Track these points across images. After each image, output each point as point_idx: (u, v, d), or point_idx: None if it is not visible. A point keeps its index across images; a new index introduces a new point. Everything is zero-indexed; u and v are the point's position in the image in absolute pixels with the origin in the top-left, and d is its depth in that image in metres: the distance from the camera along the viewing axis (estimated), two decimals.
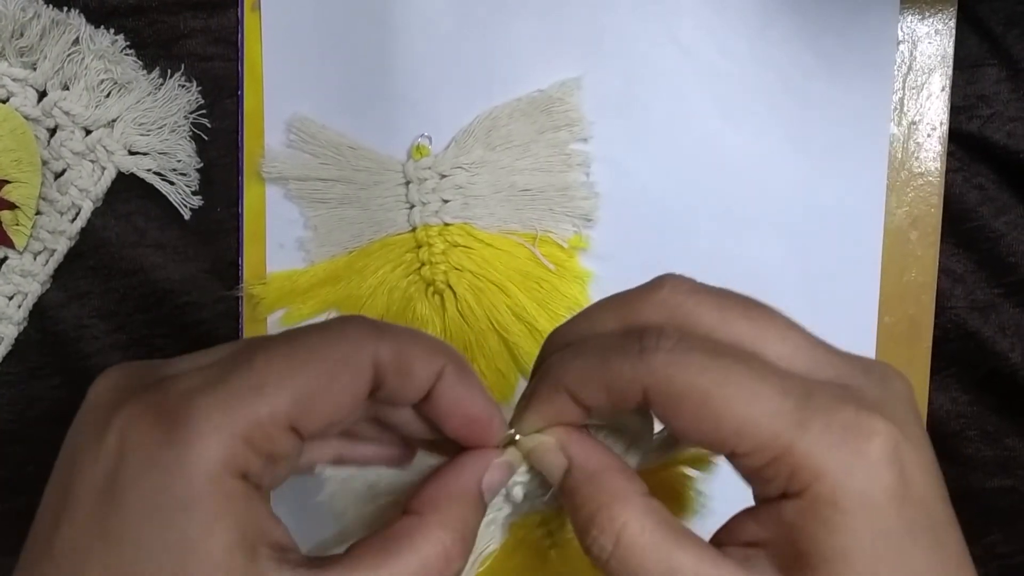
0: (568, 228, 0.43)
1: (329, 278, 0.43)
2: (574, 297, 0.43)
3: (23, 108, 0.42)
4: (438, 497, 0.25)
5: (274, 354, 0.22)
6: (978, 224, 0.44)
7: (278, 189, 0.43)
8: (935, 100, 0.43)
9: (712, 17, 0.42)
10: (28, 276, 0.43)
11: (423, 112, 0.43)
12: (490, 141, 0.42)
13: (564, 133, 0.43)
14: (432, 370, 0.24)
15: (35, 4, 0.42)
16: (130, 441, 0.22)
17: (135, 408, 0.22)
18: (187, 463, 0.21)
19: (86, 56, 0.42)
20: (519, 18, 0.43)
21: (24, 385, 0.45)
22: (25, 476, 0.45)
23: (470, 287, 0.42)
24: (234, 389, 0.22)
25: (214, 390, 0.22)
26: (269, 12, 0.43)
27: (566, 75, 0.43)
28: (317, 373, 0.22)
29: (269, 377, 0.22)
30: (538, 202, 0.43)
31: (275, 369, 0.22)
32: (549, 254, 0.43)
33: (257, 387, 0.22)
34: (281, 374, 0.22)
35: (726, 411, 0.23)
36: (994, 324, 0.44)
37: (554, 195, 0.43)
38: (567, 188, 0.43)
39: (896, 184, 0.43)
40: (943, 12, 0.42)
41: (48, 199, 0.43)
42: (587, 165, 0.43)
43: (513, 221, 0.43)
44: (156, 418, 0.22)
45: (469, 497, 0.25)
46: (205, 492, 0.21)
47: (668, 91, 0.43)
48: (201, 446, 0.21)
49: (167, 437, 0.21)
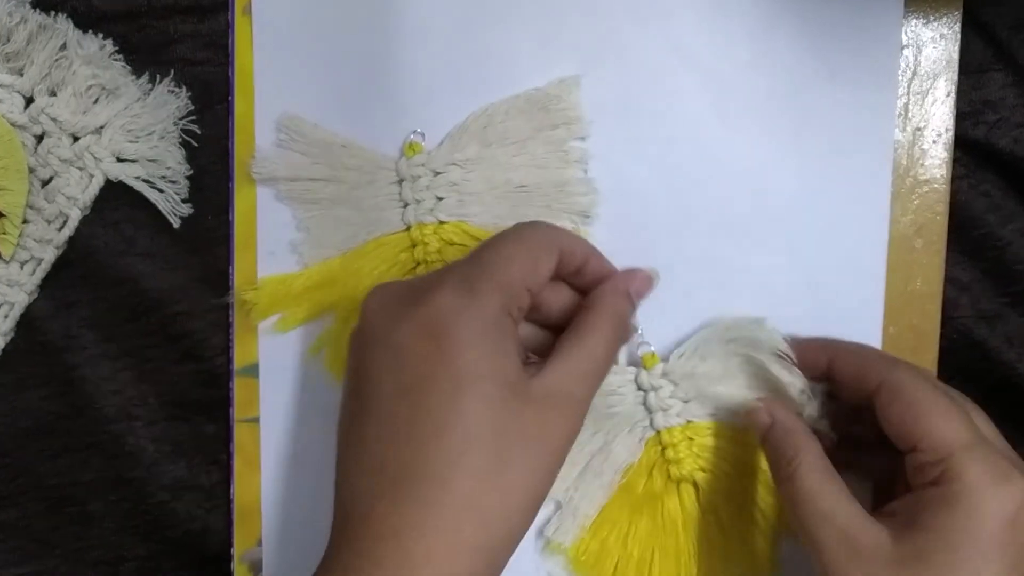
0: (566, 224, 0.42)
1: (323, 280, 0.43)
2: None
3: (9, 114, 0.42)
4: (603, 293, 0.37)
5: (503, 247, 0.35)
6: (985, 232, 0.43)
7: (269, 196, 0.43)
8: (940, 106, 0.42)
9: (713, 21, 0.42)
10: (15, 286, 0.43)
11: (417, 117, 0.42)
12: (485, 137, 0.42)
13: (562, 130, 0.42)
14: (585, 252, 0.37)
15: (22, 8, 0.41)
16: (411, 353, 0.32)
17: (410, 326, 0.33)
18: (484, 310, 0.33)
19: (74, 62, 0.41)
20: (514, 20, 0.42)
21: (13, 396, 0.44)
22: (15, 488, 0.45)
23: None
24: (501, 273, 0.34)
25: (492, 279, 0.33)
26: (260, 16, 0.42)
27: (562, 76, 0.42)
28: (540, 259, 0.35)
29: (518, 264, 0.34)
30: (535, 199, 0.42)
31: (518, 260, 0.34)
32: None
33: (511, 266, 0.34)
34: (523, 263, 0.34)
35: (926, 419, 0.34)
36: (1001, 333, 0.44)
37: (551, 191, 0.42)
38: (564, 184, 0.42)
39: (901, 191, 0.42)
40: (948, 16, 0.42)
41: (35, 207, 0.42)
42: (585, 162, 0.42)
43: (509, 218, 0.41)
44: (427, 334, 0.32)
45: (623, 293, 0.38)
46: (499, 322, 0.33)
47: (667, 97, 0.42)
48: (462, 359, 0.32)
49: (438, 348, 0.32)
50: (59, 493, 0.44)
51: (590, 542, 0.42)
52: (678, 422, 0.42)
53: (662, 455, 0.42)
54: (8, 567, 0.45)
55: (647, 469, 0.42)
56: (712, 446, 0.42)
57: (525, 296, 0.34)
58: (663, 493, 0.42)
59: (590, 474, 0.42)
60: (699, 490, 0.42)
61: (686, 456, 0.42)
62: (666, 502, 0.42)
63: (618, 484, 0.42)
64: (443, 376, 0.32)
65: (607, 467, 0.42)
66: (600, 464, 0.42)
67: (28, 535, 0.45)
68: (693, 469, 0.42)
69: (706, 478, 0.42)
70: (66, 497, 0.44)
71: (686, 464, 0.42)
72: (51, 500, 0.45)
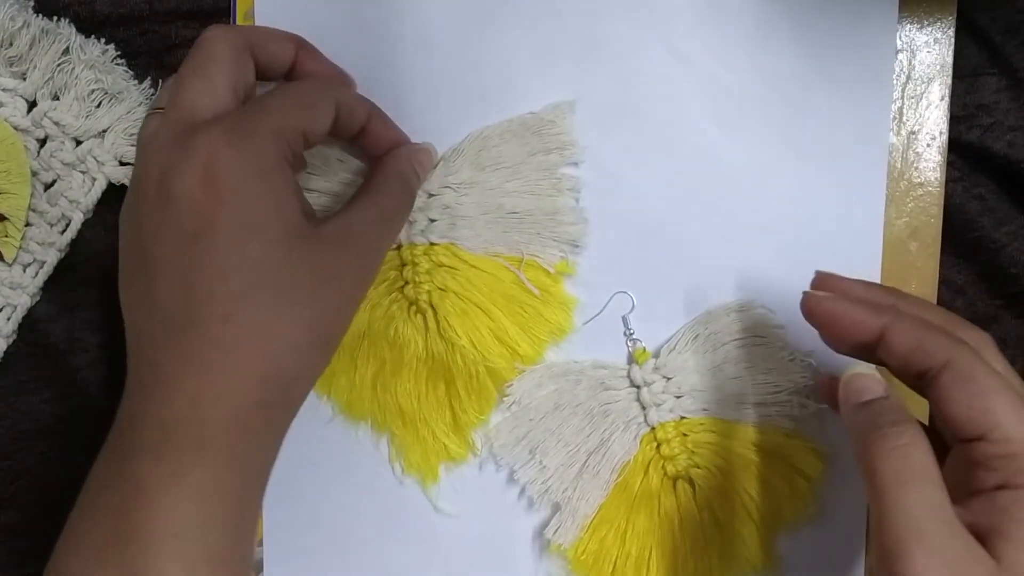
0: (555, 253, 0.42)
1: None
2: (557, 323, 0.42)
3: (12, 118, 0.42)
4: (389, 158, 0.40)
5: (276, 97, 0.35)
6: (979, 235, 0.43)
7: None
8: (934, 110, 0.42)
9: (709, 27, 0.42)
10: (17, 288, 0.43)
11: (417, 123, 0.42)
12: (479, 161, 0.42)
13: (555, 156, 0.42)
14: (366, 110, 0.39)
15: (25, 13, 0.41)
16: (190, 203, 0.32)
17: (186, 176, 0.32)
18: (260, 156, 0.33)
19: (76, 66, 0.42)
20: (513, 29, 0.42)
21: (14, 399, 0.44)
22: (16, 491, 0.45)
23: (453, 308, 0.42)
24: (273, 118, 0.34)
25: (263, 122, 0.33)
26: (262, 22, 0.42)
27: (560, 85, 0.42)
28: (315, 108, 0.36)
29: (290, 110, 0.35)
30: (526, 225, 0.42)
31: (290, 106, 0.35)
32: (534, 278, 0.42)
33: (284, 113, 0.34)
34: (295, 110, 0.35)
35: (996, 408, 0.30)
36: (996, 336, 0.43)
37: (542, 219, 0.42)
38: (556, 212, 0.42)
39: (895, 195, 0.42)
40: (942, 21, 0.42)
41: (38, 210, 0.42)
42: (577, 190, 0.42)
43: (499, 243, 0.42)
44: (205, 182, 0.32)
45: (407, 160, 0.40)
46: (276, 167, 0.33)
47: (664, 102, 0.42)
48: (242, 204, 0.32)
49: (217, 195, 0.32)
50: (60, 495, 0.45)
51: (588, 542, 0.42)
52: (671, 418, 0.42)
53: (657, 451, 0.42)
54: (9, 569, 0.45)
55: (643, 467, 0.42)
56: (706, 441, 0.42)
57: (300, 142, 0.35)
58: (660, 491, 0.42)
59: (588, 474, 0.42)
60: (695, 487, 0.42)
61: (680, 452, 0.42)
62: (663, 500, 0.42)
63: (615, 482, 0.42)
64: (224, 223, 0.32)
65: (604, 466, 0.42)
66: (597, 463, 0.42)
67: (29, 537, 0.45)
68: (688, 465, 0.42)
69: (701, 474, 0.42)
70: (67, 499, 0.45)
71: (681, 460, 0.42)
72: (52, 502, 0.45)
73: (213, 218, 0.32)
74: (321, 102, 0.36)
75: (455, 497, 0.44)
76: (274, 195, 0.33)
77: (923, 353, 0.33)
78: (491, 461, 0.43)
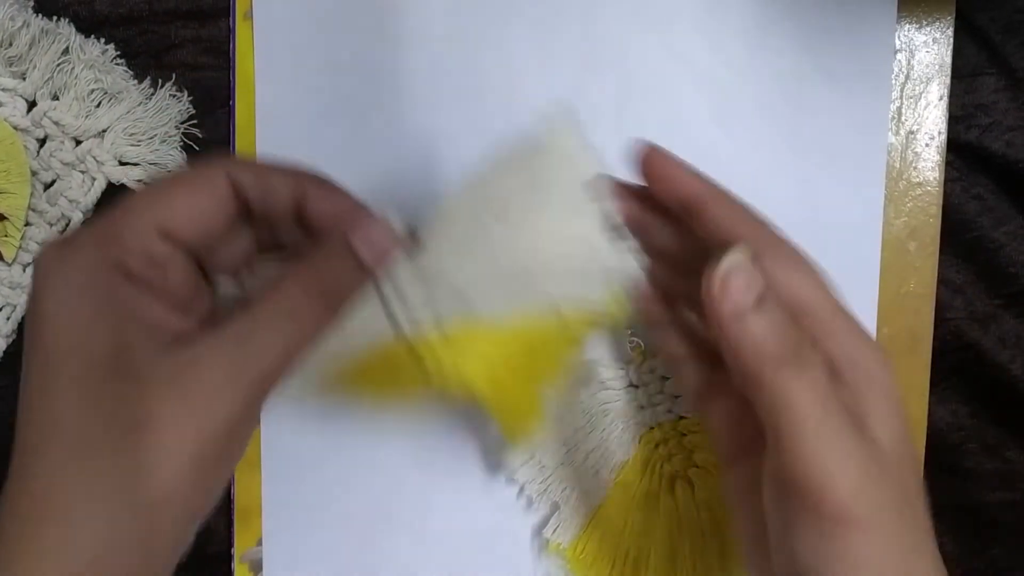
0: (599, 292, 0.33)
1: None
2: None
3: (12, 118, 0.42)
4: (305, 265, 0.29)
5: (140, 189, 0.29)
6: (977, 234, 0.43)
7: None
8: (933, 109, 0.42)
9: (708, 26, 0.42)
10: (17, 288, 0.43)
11: (416, 123, 0.42)
12: (477, 212, 0.32)
13: (570, 179, 0.33)
14: (291, 185, 0.30)
15: (24, 13, 0.41)
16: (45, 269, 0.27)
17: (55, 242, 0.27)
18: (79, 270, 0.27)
19: (76, 66, 0.42)
20: (513, 29, 0.42)
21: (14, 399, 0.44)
22: None
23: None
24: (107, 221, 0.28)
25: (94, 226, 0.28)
26: (261, 21, 0.42)
27: (560, 85, 0.42)
28: (176, 191, 0.28)
29: (134, 203, 0.28)
30: (556, 272, 0.33)
31: (138, 197, 0.28)
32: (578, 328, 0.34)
33: (125, 210, 0.28)
34: (143, 199, 0.28)
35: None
36: (994, 335, 0.44)
37: (575, 258, 0.33)
38: (591, 246, 0.33)
39: (894, 194, 0.42)
40: (941, 21, 0.42)
41: (37, 210, 0.42)
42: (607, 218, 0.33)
43: (524, 299, 0.33)
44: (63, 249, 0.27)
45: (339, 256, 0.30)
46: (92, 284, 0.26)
47: (663, 101, 0.42)
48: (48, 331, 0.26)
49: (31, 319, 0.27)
50: None
51: (587, 541, 0.42)
52: (670, 418, 0.42)
53: (656, 451, 0.42)
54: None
55: (642, 466, 0.42)
56: (704, 442, 0.42)
57: (155, 244, 0.28)
58: (658, 490, 0.42)
59: (587, 474, 0.42)
60: (694, 487, 0.42)
61: (678, 452, 0.42)
62: (661, 499, 0.42)
63: (613, 482, 0.42)
64: (32, 355, 0.26)
65: (603, 466, 0.42)
66: (596, 463, 0.42)
67: None
68: (686, 465, 0.42)
69: (699, 474, 0.42)
70: None
71: (678, 460, 0.42)
72: None
73: (28, 348, 0.27)
74: (193, 189, 0.28)
75: (455, 497, 0.44)
76: (91, 319, 0.26)
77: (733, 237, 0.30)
78: (491, 461, 0.43)
